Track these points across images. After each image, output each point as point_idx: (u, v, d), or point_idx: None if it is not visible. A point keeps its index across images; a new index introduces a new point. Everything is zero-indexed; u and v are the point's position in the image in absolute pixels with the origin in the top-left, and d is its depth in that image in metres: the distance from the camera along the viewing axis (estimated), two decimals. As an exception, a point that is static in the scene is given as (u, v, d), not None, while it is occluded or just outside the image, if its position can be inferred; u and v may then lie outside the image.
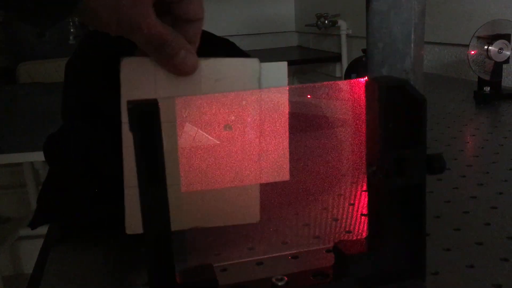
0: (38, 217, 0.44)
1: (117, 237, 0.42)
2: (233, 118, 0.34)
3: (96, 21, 0.31)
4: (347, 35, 1.96)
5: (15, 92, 1.89)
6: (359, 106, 0.35)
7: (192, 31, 0.34)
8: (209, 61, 0.34)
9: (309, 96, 0.46)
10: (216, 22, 2.24)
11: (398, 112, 0.31)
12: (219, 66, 0.34)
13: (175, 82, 0.33)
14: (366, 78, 0.33)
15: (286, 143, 0.37)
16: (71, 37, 2.13)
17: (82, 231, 0.44)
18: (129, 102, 0.27)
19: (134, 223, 0.33)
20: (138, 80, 0.33)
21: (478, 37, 0.89)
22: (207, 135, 0.34)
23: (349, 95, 0.38)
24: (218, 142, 0.34)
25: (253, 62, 0.35)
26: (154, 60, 0.32)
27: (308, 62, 2.16)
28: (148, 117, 0.26)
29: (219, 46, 0.50)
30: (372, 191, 0.33)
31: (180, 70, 0.33)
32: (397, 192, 0.31)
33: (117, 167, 0.43)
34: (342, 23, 1.94)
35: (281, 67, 0.37)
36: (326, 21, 1.96)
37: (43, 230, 0.46)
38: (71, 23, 2.14)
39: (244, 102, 0.35)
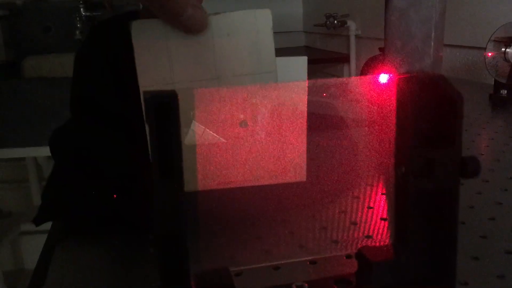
0: (43, 213, 0.42)
1: (122, 234, 0.40)
2: (249, 114, 0.33)
3: None
4: (356, 36, 1.94)
5: (19, 87, 1.88)
6: (384, 103, 0.33)
7: None
8: (219, 16, 0.33)
9: (324, 95, 0.44)
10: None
11: (432, 110, 0.29)
12: (230, 20, 0.33)
13: (187, 41, 0.32)
14: (394, 74, 0.31)
15: (303, 142, 0.35)
16: (77, 32, 2.12)
17: (87, 228, 0.42)
18: (145, 93, 0.25)
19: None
20: (149, 42, 0.32)
21: (495, 39, 0.87)
22: (214, 133, 0.32)
23: (372, 92, 0.36)
24: (224, 141, 0.32)
25: (264, 12, 0.34)
26: (163, 20, 0.31)
27: (316, 62, 2.13)
28: (166, 109, 0.24)
29: None
30: (399, 193, 0.31)
31: (189, 27, 0.31)
32: (427, 196, 0.29)
33: (122, 162, 0.41)
34: (351, 24, 1.92)
35: (301, 61, 0.35)
36: (335, 21, 1.94)
37: (45, 225, 0.45)
38: (77, 18, 2.13)
39: (261, 97, 0.33)
